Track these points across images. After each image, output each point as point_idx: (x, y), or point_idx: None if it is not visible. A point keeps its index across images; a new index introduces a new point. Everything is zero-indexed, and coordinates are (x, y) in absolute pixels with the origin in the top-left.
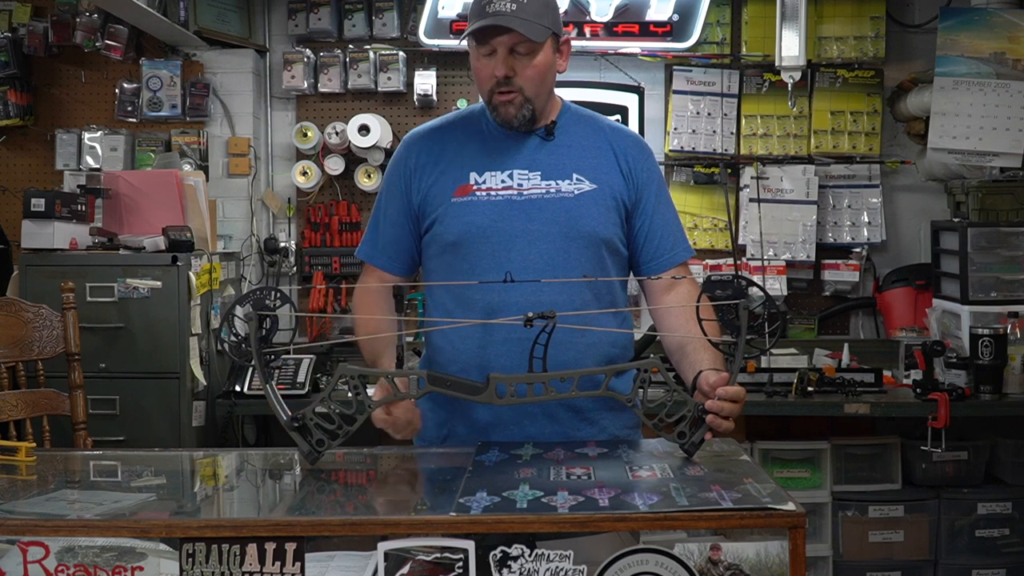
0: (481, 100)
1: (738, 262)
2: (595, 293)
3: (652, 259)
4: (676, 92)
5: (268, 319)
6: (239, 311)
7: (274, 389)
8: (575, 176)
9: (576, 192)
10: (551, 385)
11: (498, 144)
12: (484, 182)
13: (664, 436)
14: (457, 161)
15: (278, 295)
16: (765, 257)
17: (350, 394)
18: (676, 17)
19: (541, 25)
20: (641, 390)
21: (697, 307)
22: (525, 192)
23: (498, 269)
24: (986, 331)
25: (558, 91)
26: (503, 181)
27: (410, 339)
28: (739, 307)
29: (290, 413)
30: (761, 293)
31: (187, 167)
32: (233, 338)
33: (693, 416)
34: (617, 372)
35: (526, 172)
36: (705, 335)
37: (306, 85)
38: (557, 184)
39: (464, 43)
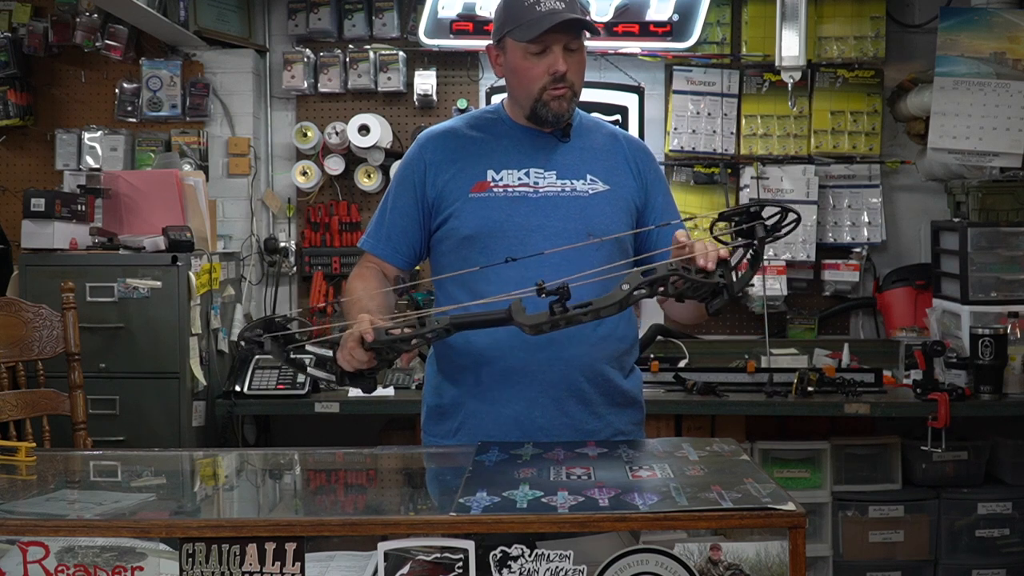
0: (487, 101)
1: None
2: (605, 286)
3: (663, 258)
4: (676, 92)
5: (281, 337)
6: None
7: (311, 372)
8: (589, 177)
9: (590, 192)
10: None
11: (514, 143)
12: (501, 179)
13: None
14: (474, 158)
15: (284, 319)
16: (765, 257)
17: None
18: (676, 17)
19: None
20: (662, 288)
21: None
22: (541, 190)
23: (515, 263)
24: (986, 331)
25: None
26: (519, 178)
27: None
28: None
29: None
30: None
31: (187, 167)
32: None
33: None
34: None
35: (542, 171)
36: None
37: (306, 85)
38: (572, 183)
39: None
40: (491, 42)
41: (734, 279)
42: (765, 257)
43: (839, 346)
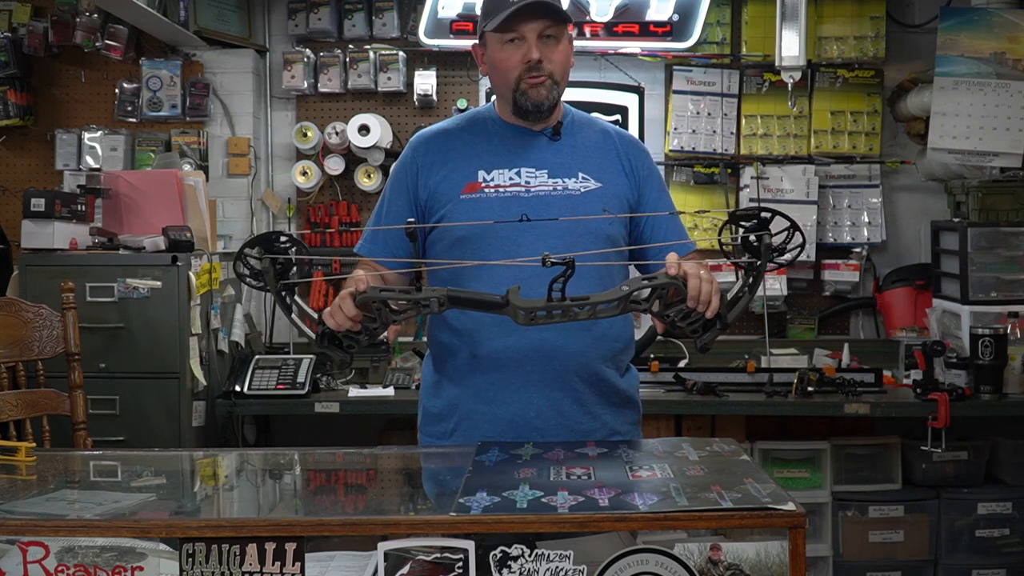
0: (487, 102)
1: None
2: (602, 285)
3: (658, 253)
4: (676, 92)
5: (279, 260)
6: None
7: (295, 319)
8: (580, 175)
9: (582, 190)
10: (572, 311)
11: (505, 143)
12: (492, 179)
13: (681, 333)
14: (465, 159)
15: (287, 240)
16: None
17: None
18: (676, 17)
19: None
20: (658, 300)
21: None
22: (532, 189)
23: (509, 263)
24: (986, 331)
25: None
26: (511, 178)
27: (408, 338)
28: (761, 239)
29: (317, 329)
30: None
31: (187, 167)
32: (247, 273)
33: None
34: (629, 300)
35: (533, 170)
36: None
37: (306, 85)
38: (564, 182)
39: (465, 36)
40: (475, 42)
41: (728, 310)
42: None
43: (839, 346)
